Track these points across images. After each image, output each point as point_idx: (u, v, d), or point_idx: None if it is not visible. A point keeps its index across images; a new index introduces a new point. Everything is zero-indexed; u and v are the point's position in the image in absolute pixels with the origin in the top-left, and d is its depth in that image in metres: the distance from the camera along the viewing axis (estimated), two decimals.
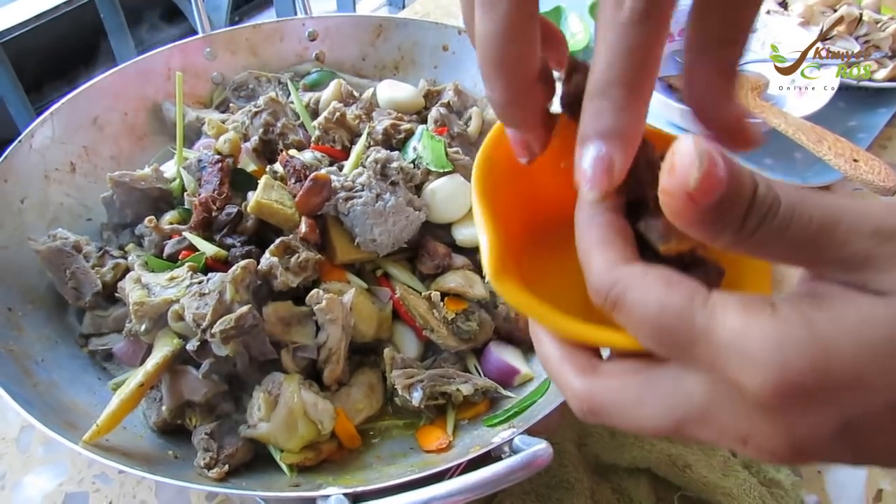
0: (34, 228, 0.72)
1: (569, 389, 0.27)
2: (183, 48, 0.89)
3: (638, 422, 0.25)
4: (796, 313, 0.22)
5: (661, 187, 0.23)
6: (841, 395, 0.22)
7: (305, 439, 0.59)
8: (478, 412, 0.65)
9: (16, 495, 0.68)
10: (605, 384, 0.26)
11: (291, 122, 0.81)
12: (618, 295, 0.24)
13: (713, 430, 0.24)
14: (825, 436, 0.23)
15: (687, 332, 0.23)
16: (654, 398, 0.25)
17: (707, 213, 0.22)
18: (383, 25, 0.95)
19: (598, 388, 0.26)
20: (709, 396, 0.24)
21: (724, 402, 0.24)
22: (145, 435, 0.63)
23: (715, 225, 0.23)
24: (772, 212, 0.22)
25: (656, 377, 0.25)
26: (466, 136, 0.84)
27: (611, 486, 0.66)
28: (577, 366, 0.28)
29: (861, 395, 0.22)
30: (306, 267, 0.64)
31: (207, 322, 0.58)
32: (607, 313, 0.25)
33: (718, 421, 0.24)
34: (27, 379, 0.60)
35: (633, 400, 0.25)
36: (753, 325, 0.22)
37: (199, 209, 0.67)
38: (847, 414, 0.22)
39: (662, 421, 0.25)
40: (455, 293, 0.69)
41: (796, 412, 0.22)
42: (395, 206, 0.67)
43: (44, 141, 0.76)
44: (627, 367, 0.26)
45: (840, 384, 0.22)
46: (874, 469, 0.71)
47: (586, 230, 0.26)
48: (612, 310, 0.24)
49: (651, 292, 0.23)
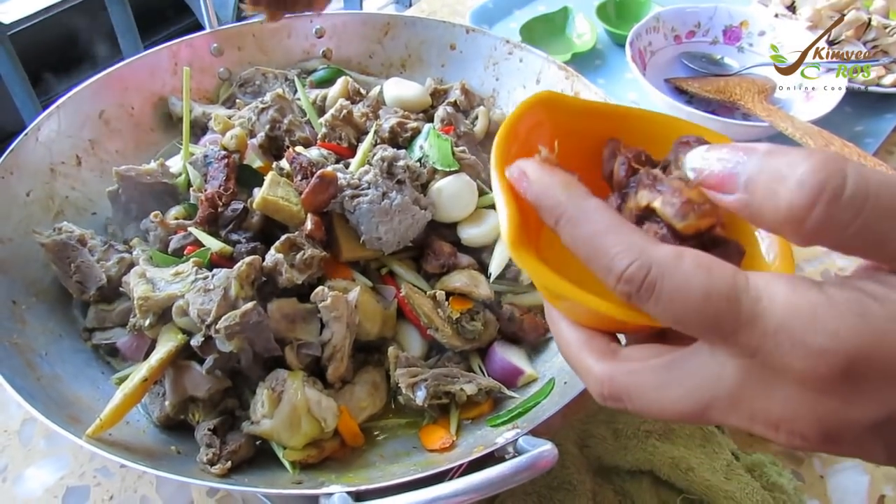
0: (39, 221, 0.72)
1: (589, 374, 0.27)
2: (190, 43, 0.89)
3: (660, 405, 0.25)
4: (848, 298, 0.22)
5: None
6: (886, 383, 0.22)
7: (308, 436, 0.59)
8: (481, 412, 0.65)
9: (17, 488, 0.68)
10: (627, 368, 0.26)
11: (298, 119, 0.80)
12: (654, 281, 0.23)
13: (744, 414, 0.24)
14: (862, 426, 0.23)
15: (734, 317, 0.23)
16: (678, 382, 0.25)
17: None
18: (391, 23, 0.95)
19: (619, 372, 0.26)
20: (741, 380, 0.24)
21: (758, 386, 0.23)
22: (148, 430, 0.63)
23: None
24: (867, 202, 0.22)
25: (681, 361, 0.25)
26: (473, 135, 0.84)
27: (613, 488, 0.66)
28: (596, 350, 0.28)
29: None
30: (311, 264, 0.64)
31: (212, 318, 0.57)
32: (633, 299, 0.24)
33: (750, 405, 0.24)
34: (31, 372, 0.60)
35: (656, 384, 0.25)
36: (804, 308, 0.22)
37: (205, 204, 0.67)
38: (890, 407, 0.22)
39: (687, 404, 0.25)
40: (460, 292, 0.69)
41: (839, 397, 0.22)
42: (401, 204, 0.67)
43: (50, 134, 0.76)
44: (649, 352, 0.26)
45: (888, 372, 0.21)
46: (877, 475, 0.70)
47: (589, 218, 0.26)
48: (646, 297, 0.24)
49: (693, 278, 0.23)
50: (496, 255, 0.72)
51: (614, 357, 0.27)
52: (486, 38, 0.92)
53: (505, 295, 0.73)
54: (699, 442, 0.66)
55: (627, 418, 0.67)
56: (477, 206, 0.74)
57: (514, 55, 0.90)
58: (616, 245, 0.25)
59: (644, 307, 0.24)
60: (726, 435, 0.69)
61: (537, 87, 0.88)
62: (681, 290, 0.23)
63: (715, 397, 0.24)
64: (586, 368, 0.28)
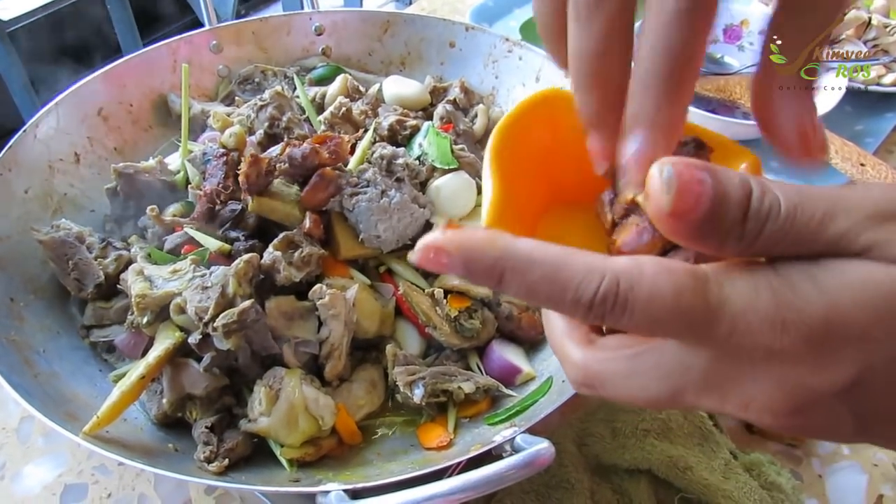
0: (38, 218, 0.72)
1: (567, 360, 0.28)
2: (189, 40, 0.89)
3: (629, 392, 0.26)
4: (800, 273, 0.23)
5: (649, 214, 0.23)
6: (850, 347, 0.23)
7: (306, 434, 0.59)
8: (479, 410, 0.65)
9: (15, 485, 0.68)
10: (600, 356, 0.27)
11: (297, 117, 0.80)
12: (626, 292, 0.23)
13: (714, 397, 0.25)
14: (831, 393, 0.23)
15: (704, 310, 0.23)
16: (647, 371, 0.25)
17: (699, 228, 0.23)
18: (391, 21, 0.95)
19: (593, 360, 0.27)
20: (712, 366, 0.24)
21: (729, 368, 0.24)
22: (146, 427, 0.63)
23: (713, 236, 0.23)
24: (772, 214, 0.23)
25: (651, 352, 0.25)
26: (472, 133, 0.84)
27: (611, 486, 0.66)
28: (577, 338, 0.28)
29: (868, 349, 0.23)
30: (309, 262, 0.64)
31: (209, 315, 0.57)
32: (607, 319, 0.24)
33: (721, 387, 0.24)
34: (28, 369, 0.60)
35: (627, 372, 0.26)
36: (763, 288, 0.23)
37: (204, 200, 0.67)
38: (855, 369, 0.23)
39: (656, 391, 0.25)
40: (458, 291, 0.68)
41: (806, 366, 0.23)
42: (400, 202, 0.67)
43: (48, 131, 0.76)
44: (622, 342, 0.27)
45: (849, 336, 0.22)
46: (875, 474, 0.70)
47: (533, 260, 0.24)
48: (620, 312, 0.24)
49: (660, 281, 0.23)
50: None
51: (591, 345, 0.28)
52: (486, 36, 0.92)
53: (503, 293, 0.72)
54: (697, 441, 0.66)
55: (626, 417, 0.67)
56: (476, 204, 0.74)
57: (513, 53, 0.90)
58: (575, 274, 0.24)
59: (618, 323, 0.24)
60: (724, 434, 0.69)
61: (537, 85, 0.88)
62: (653, 296, 0.23)
63: (686, 383, 0.25)
64: (566, 354, 0.28)
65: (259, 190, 0.65)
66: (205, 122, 0.84)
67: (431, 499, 0.44)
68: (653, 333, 0.25)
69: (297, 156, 0.65)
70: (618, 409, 0.67)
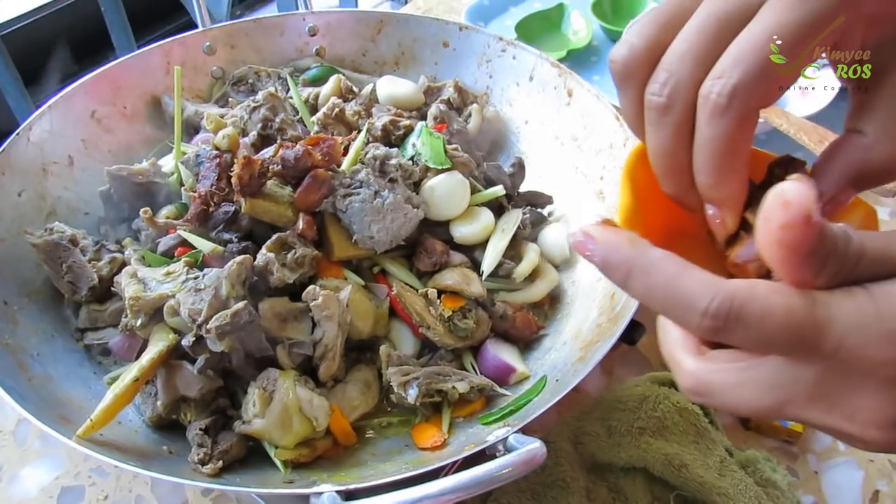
0: (31, 221, 0.72)
1: (680, 368, 0.30)
2: (183, 42, 0.89)
3: (736, 401, 0.28)
4: (890, 292, 0.25)
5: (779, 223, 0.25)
6: None
7: (300, 436, 0.59)
8: (473, 410, 0.65)
9: (12, 488, 0.68)
10: (711, 367, 0.29)
11: (290, 118, 0.80)
12: (739, 310, 0.26)
13: (820, 409, 0.27)
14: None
15: (813, 326, 0.25)
16: (755, 383, 0.28)
17: (804, 255, 0.25)
18: (384, 21, 0.95)
19: (704, 370, 0.29)
20: (819, 381, 0.26)
21: (836, 383, 0.26)
22: (140, 430, 0.63)
23: (814, 264, 0.26)
24: (857, 247, 0.26)
25: (758, 365, 0.28)
26: (466, 132, 0.83)
27: (607, 485, 0.66)
28: (690, 348, 0.30)
29: None
30: (303, 263, 0.64)
31: (203, 318, 0.57)
32: (719, 333, 0.27)
33: (826, 400, 0.27)
34: (22, 373, 0.60)
35: (735, 383, 0.28)
36: (867, 307, 0.25)
37: (198, 201, 0.67)
38: None
39: (763, 402, 0.28)
40: (452, 290, 0.68)
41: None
42: (394, 203, 0.67)
43: (42, 134, 0.76)
44: (731, 356, 0.29)
45: None
46: (871, 470, 0.70)
47: (659, 266, 0.28)
48: (733, 327, 0.26)
49: (772, 300, 0.26)
50: (488, 253, 0.72)
51: (702, 356, 0.30)
52: (479, 35, 0.92)
53: (497, 293, 0.73)
54: (692, 438, 0.66)
55: (621, 415, 0.67)
56: (469, 204, 0.74)
57: (507, 52, 0.90)
58: (693, 285, 0.27)
59: (730, 338, 0.27)
60: (720, 431, 0.69)
61: (531, 85, 0.88)
62: (765, 314, 0.26)
63: (792, 396, 0.27)
64: (678, 362, 0.31)
65: (252, 191, 0.65)
66: (199, 123, 0.84)
67: (422, 500, 0.44)
68: (763, 348, 0.27)
69: (291, 158, 0.65)
70: (613, 407, 0.67)
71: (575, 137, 0.83)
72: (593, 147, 0.80)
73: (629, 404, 0.67)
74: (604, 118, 0.79)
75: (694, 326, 0.27)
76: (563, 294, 0.76)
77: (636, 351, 0.79)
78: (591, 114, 0.81)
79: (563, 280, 0.77)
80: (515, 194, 0.80)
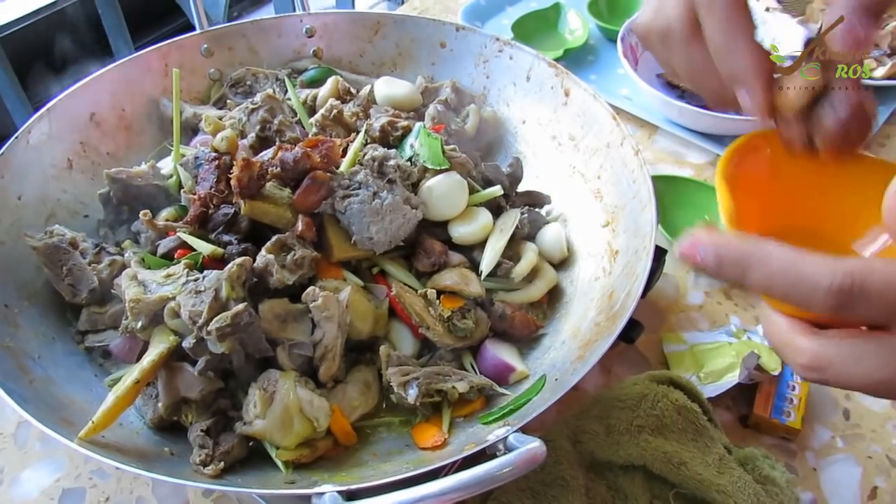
0: (31, 224, 0.72)
1: (796, 349, 0.32)
2: (180, 44, 0.89)
3: (851, 375, 0.29)
4: None
5: None
6: None
7: (301, 436, 0.59)
8: (473, 410, 0.65)
9: (13, 490, 0.68)
10: (828, 343, 0.30)
11: (288, 119, 0.80)
12: (861, 284, 0.27)
13: None
14: None
15: None
16: (872, 356, 0.29)
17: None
18: (381, 22, 0.95)
19: (821, 346, 0.30)
20: None
21: None
22: (141, 431, 0.63)
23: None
24: None
25: (875, 339, 0.29)
26: (463, 133, 0.84)
27: (606, 483, 0.66)
28: (802, 331, 0.32)
29: None
30: (302, 264, 0.64)
31: (203, 319, 0.58)
32: (843, 308, 0.28)
33: None
34: (23, 375, 0.60)
35: (853, 358, 0.29)
36: None
37: (198, 203, 0.67)
38: None
39: (881, 376, 0.29)
40: (451, 291, 0.69)
41: None
42: (392, 203, 0.67)
43: (41, 137, 0.76)
44: (848, 333, 0.30)
45: None
46: (869, 466, 0.71)
47: (775, 255, 0.29)
48: (857, 302, 0.27)
49: (891, 272, 0.27)
50: (487, 253, 0.72)
51: (817, 335, 0.31)
52: (476, 35, 0.92)
53: (496, 292, 0.73)
54: (691, 436, 0.67)
55: (620, 413, 0.67)
56: (468, 205, 0.74)
57: (504, 53, 0.90)
58: (812, 267, 0.28)
59: (854, 312, 0.28)
60: (719, 429, 0.69)
61: (528, 84, 0.88)
62: (886, 287, 0.27)
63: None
64: (793, 344, 0.32)
65: (251, 193, 0.65)
66: (197, 125, 0.84)
67: (422, 499, 0.44)
68: (885, 319, 0.28)
69: (290, 159, 0.65)
70: (612, 405, 0.68)
71: (572, 137, 0.83)
72: (590, 146, 0.80)
73: (628, 402, 0.67)
74: (601, 117, 0.79)
75: (818, 306, 0.28)
76: (561, 293, 0.77)
77: (634, 349, 0.80)
78: (588, 113, 0.81)
79: (562, 279, 0.77)
80: (513, 194, 0.81)
